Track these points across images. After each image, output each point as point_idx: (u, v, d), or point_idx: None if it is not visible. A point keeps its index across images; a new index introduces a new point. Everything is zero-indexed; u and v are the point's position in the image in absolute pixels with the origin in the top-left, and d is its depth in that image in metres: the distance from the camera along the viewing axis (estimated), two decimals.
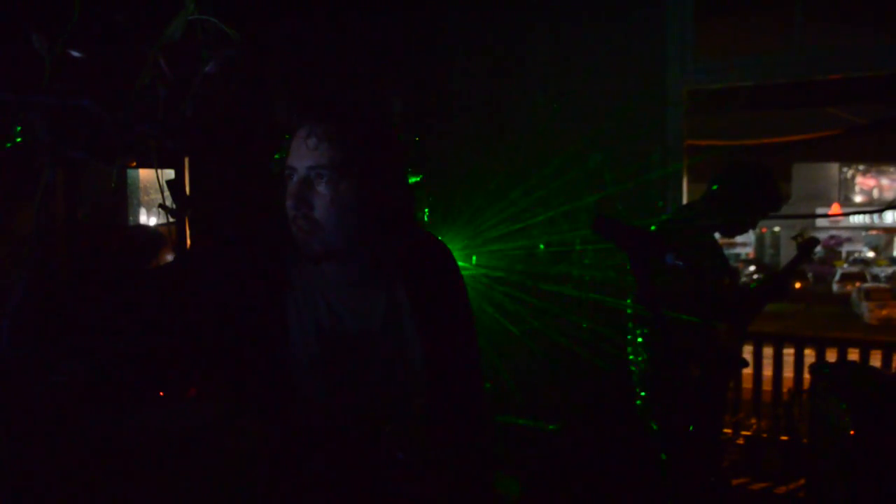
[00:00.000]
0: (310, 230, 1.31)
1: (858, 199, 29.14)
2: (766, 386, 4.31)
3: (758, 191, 2.69)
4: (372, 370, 1.42)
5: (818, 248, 3.14)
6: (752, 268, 24.60)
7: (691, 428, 2.60)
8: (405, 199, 1.42)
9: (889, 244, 29.54)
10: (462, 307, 1.56)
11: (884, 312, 16.63)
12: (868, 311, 16.97)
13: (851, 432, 2.56)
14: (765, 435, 4.08)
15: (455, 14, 3.60)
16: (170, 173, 2.42)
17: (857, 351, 4.18)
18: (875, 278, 21.95)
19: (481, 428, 1.62)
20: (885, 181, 29.31)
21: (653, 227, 2.73)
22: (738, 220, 2.73)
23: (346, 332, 1.40)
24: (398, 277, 1.45)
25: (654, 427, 2.65)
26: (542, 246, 3.37)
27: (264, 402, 1.43)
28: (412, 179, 1.47)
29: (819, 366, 3.14)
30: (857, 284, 19.53)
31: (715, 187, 2.73)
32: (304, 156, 1.30)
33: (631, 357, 2.73)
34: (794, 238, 3.03)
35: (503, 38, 3.55)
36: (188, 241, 2.52)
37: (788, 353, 4.31)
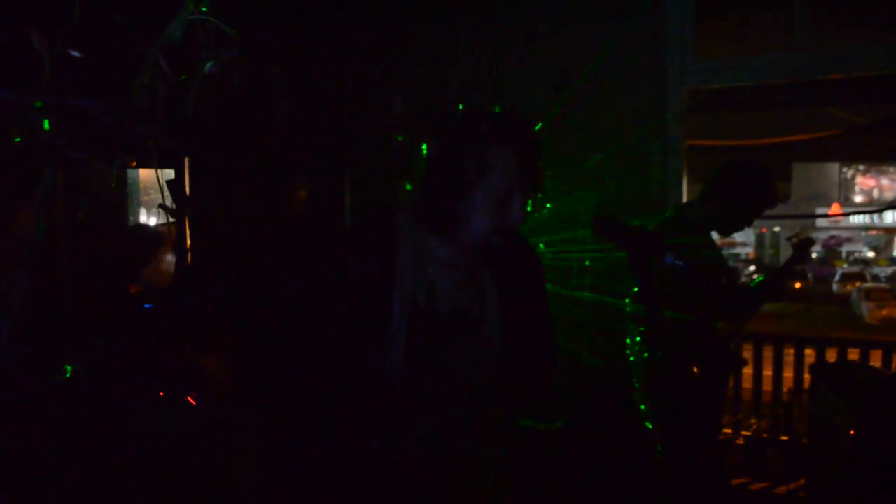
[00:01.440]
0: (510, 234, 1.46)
1: (858, 199, 29.13)
2: (766, 386, 4.31)
3: (754, 189, 2.70)
4: (455, 350, 1.49)
5: (817, 248, 3.17)
6: (752, 268, 24.56)
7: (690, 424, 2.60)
8: None
9: (889, 244, 29.52)
10: (543, 303, 1.66)
11: (884, 312, 16.60)
12: (868, 311, 16.94)
13: (851, 432, 2.56)
14: (765, 435, 4.08)
15: (455, 15, 3.60)
16: (170, 173, 2.42)
17: (857, 351, 4.18)
18: (875, 278, 21.90)
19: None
20: (885, 181, 29.30)
21: (651, 227, 2.73)
22: (735, 219, 2.73)
23: (439, 309, 1.48)
24: (487, 266, 1.54)
25: (653, 426, 2.65)
26: (541, 246, 3.37)
27: (356, 369, 1.48)
28: None
29: (819, 366, 3.13)
30: (857, 284, 19.48)
31: (711, 186, 2.74)
32: (518, 176, 1.40)
33: (631, 357, 2.73)
34: (790, 239, 3.04)
35: (503, 38, 3.54)
36: (188, 241, 2.52)
37: (788, 353, 4.31)
